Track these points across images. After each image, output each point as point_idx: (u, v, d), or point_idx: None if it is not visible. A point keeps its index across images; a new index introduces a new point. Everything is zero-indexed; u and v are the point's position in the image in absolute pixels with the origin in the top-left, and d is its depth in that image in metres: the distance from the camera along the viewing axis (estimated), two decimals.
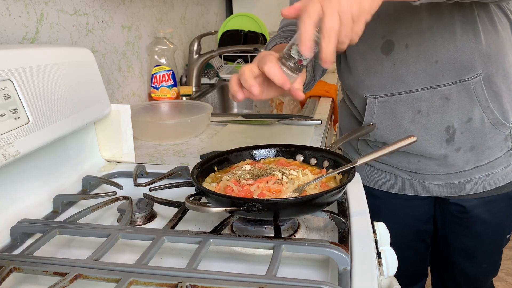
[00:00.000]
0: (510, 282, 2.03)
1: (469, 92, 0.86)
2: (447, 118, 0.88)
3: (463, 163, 0.92)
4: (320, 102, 1.51)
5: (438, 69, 0.85)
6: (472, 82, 0.85)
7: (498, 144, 0.91)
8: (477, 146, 0.90)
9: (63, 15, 1.02)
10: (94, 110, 0.83)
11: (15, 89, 0.64)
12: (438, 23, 0.83)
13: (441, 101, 0.87)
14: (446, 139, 0.90)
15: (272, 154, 0.79)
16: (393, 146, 0.69)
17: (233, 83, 0.64)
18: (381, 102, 0.91)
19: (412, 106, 0.89)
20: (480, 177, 0.94)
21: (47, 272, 0.52)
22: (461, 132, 0.89)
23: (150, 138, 1.14)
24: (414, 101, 0.88)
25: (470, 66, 0.84)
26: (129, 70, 1.35)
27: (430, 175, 0.96)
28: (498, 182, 0.95)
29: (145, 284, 0.49)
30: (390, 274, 0.61)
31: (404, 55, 0.86)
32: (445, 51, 0.83)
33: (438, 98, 0.87)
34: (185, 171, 0.82)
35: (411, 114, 0.89)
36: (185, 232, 0.60)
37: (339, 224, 0.63)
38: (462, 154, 0.91)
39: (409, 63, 0.86)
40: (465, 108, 0.87)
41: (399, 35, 0.86)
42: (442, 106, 0.87)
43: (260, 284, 0.48)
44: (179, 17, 1.78)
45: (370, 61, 0.90)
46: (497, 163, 0.93)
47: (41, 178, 0.75)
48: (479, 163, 0.92)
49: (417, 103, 0.88)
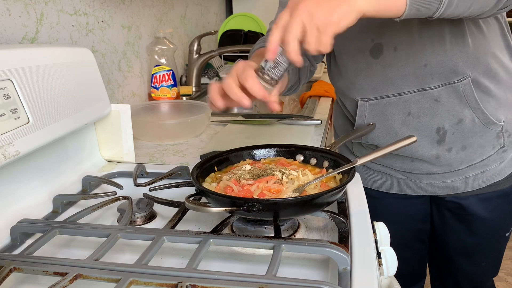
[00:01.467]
0: (510, 282, 2.03)
1: (458, 94, 0.86)
2: (437, 120, 0.88)
3: (457, 162, 0.92)
4: (320, 102, 1.51)
5: (427, 72, 0.85)
6: (461, 84, 0.85)
7: (490, 142, 0.92)
8: (468, 145, 0.91)
9: (63, 15, 1.02)
10: (94, 110, 0.83)
11: (15, 89, 0.64)
12: (427, 27, 0.83)
13: (430, 103, 0.87)
14: (437, 140, 0.90)
15: (272, 154, 0.79)
16: (393, 146, 0.69)
17: (213, 92, 0.67)
18: (372, 105, 0.91)
19: (403, 109, 0.89)
20: (475, 175, 0.95)
21: (47, 272, 0.52)
22: (452, 133, 0.89)
23: (150, 138, 1.14)
24: (405, 104, 0.89)
25: (459, 69, 0.84)
26: (129, 70, 1.35)
27: (424, 174, 0.96)
28: (493, 179, 0.96)
29: (145, 284, 0.49)
30: (390, 274, 0.62)
31: (393, 59, 0.86)
32: (435, 55, 0.84)
33: (427, 100, 0.87)
34: (185, 171, 0.82)
35: (401, 116, 0.90)
36: (185, 232, 0.60)
37: (339, 224, 0.63)
38: (454, 154, 0.91)
39: (398, 66, 0.86)
40: (455, 109, 0.87)
41: (388, 39, 0.86)
42: (432, 108, 0.88)
43: (260, 284, 0.48)
44: (179, 17, 1.78)
45: (360, 64, 0.90)
46: (490, 161, 0.94)
47: (41, 178, 0.75)
48: (472, 162, 0.93)
49: (408, 106, 0.89)
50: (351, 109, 0.98)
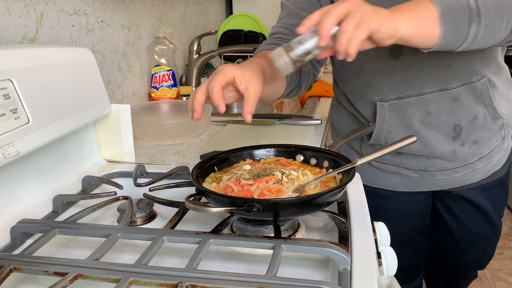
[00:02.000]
0: (510, 282, 2.03)
1: (475, 93, 0.89)
2: (455, 118, 0.91)
3: (470, 156, 0.96)
4: (320, 102, 1.51)
5: (449, 73, 0.87)
6: (479, 84, 0.88)
7: (495, 135, 0.95)
8: (479, 139, 0.94)
9: (63, 15, 1.02)
10: (94, 110, 0.83)
11: (15, 89, 0.64)
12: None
13: (450, 102, 0.89)
14: (453, 137, 0.93)
15: (272, 154, 0.79)
16: (394, 146, 0.69)
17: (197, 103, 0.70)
18: (391, 105, 0.92)
19: (423, 108, 0.90)
20: (481, 167, 0.98)
21: (47, 272, 0.52)
22: (467, 130, 0.92)
23: (150, 138, 1.14)
24: (424, 103, 0.90)
25: (477, 69, 0.87)
26: (129, 70, 1.35)
27: (439, 171, 0.98)
28: (493, 169, 1.00)
29: (145, 284, 0.49)
30: (390, 274, 0.62)
31: (413, 60, 0.87)
32: (458, 56, 0.84)
33: (447, 100, 0.89)
34: (185, 171, 0.82)
35: (421, 116, 0.91)
36: (185, 232, 0.60)
37: (339, 224, 0.63)
38: (467, 149, 0.94)
39: (419, 67, 0.87)
40: (471, 107, 0.90)
41: None
42: (451, 106, 0.90)
43: (260, 284, 0.48)
44: (179, 17, 1.78)
45: (378, 65, 0.90)
46: (494, 152, 0.98)
47: (41, 178, 0.75)
48: (481, 155, 0.97)
49: (427, 105, 0.90)
50: (364, 109, 0.98)
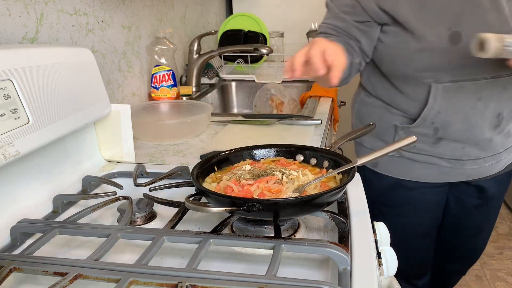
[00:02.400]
0: (510, 282, 2.03)
1: None
2: (500, 106, 0.93)
3: (500, 146, 0.99)
4: (320, 102, 1.51)
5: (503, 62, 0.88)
6: None
7: None
8: (510, 130, 0.98)
9: (63, 15, 1.02)
10: (94, 110, 0.83)
11: (15, 89, 0.64)
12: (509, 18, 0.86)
13: (499, 89, 0.92)
14: (495, 125, 0.95)
15: (272, 154, 0.79)
16: (394, 146, 0.69)
17: (298, 59, 0.71)
18: (446, 87, 0.93)
19: (474, 93, 0.92)
20: (504, 158, 1.02)
21: (47, 272, 0.52)
22: (506, 120, 0.95)
23: (150, 138, 1.14)
24: (476, 89, 0.92)
25: None
26: (129, 70, 1.35)
27: (470, 160, 1.00)
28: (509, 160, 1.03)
29: (145, 284, 0.49)
30: (390, 274, 0.61)
31: None
32: None
33: (496, 87, 0.91)
34: (185, 171, 0.82)
35: (472, 100, 0.93)
36: (185, 232, 0.60)
37: (339, 224, 0.63)
38: (500, 138, 0.97)
39: None
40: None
41: (466, 27, 0.88)
42: (499, 95, 0.92)
43: (260, 284, 0.48)
44: (179, 17, 1.78)
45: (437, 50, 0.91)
46: None
47: (41, 178, 0.75)
48: (507, 145, 1.00)
49: (479, 91, 0.92)
50: (414, 91, 0.98)
